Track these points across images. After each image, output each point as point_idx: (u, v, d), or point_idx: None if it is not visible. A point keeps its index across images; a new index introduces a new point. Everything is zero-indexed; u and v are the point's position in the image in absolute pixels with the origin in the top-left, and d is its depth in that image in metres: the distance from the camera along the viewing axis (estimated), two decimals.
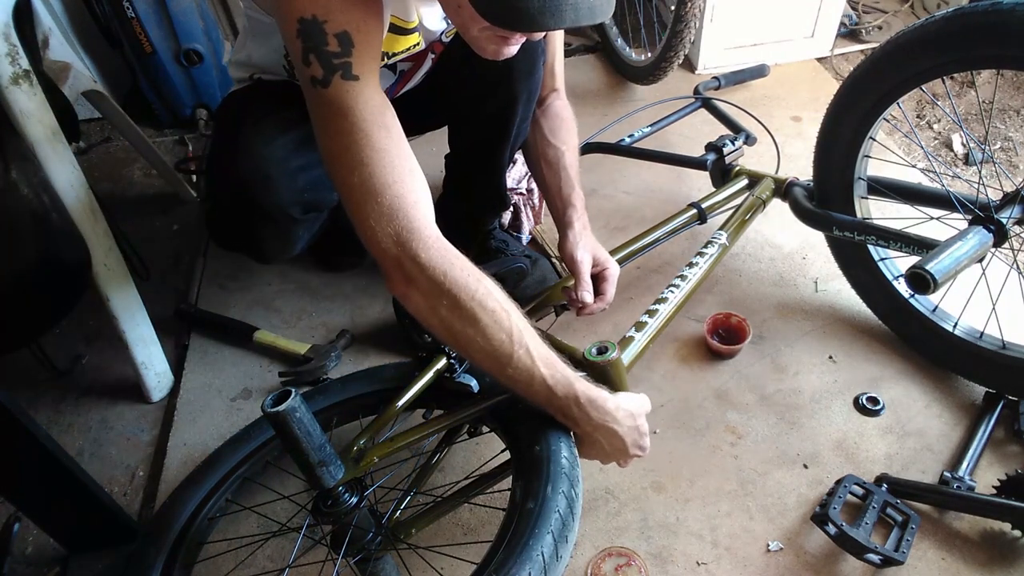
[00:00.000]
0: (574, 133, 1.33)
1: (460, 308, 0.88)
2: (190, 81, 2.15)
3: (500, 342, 0.89)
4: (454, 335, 0.90)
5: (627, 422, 0.96)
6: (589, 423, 0.95)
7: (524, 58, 1.22)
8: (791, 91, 2.18)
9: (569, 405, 0.93)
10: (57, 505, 1.12)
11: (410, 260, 0.88)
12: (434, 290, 0.88)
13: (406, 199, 0.88)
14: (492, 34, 0.90)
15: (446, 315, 0.89)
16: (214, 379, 1.48)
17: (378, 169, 0.87)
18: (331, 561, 1.05)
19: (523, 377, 0.91)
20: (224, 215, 1.29)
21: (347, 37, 0.85)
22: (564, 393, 0.92)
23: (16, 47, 1.09)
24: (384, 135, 0.88)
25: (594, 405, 0.94)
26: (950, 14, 1.07)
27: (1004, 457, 1.21)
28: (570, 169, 1.29)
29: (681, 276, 1.26)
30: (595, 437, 0.96)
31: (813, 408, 1.32)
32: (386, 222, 0.87)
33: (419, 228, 0.88)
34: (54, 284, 1.25)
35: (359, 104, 0.87)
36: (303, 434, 0.85)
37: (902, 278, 1.20)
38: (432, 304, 0.89)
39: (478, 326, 0.88)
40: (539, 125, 1.32)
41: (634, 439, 0.98)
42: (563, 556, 0.84)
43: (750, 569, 1.11)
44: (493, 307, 0.89)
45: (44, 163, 1.16)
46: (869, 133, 1.27)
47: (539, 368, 0.91)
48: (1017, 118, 2.05)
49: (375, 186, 0.87)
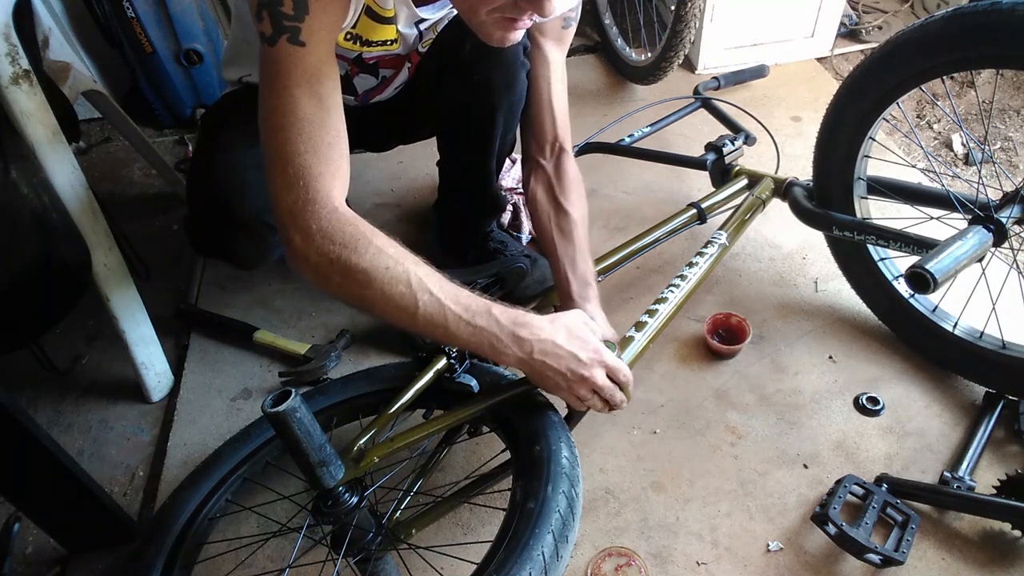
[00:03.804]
0: (584, 197, 1.28)
1: (352, 273, 0.87)
2: (190, 81, 2.15)
3: (401, 295, 0.88)
4: (354, 300, 0.90)
5: (562, 337, 0.94)
6: (520, 347, 0.92)
7: (503, 72, 1.22)
8: (791, 91, 2.18)
9: (493, 333, 0.91)
10: (57, 505, 1.12)
11: (302, 231, 0.86)
12: (324, 260, 0.87)
13: (312, 170, 0.87)
14: (500, 17, 0.89)
15: (340, 281, 0.88)
16: (214, 379, 1.48)
17: (293, 136, 0.86)
18: (331, 561, 1.05)
19: (438, 321, 0.90)
20: (201, 221, 1.28)
21: (304, 4, 0.85)
22: (484, 322, 0.91)
23: (16, 47, 1.09)
24: (313, 104, 0.87)
25: (518, 323, 0.92)
26: (950, 14, 1.07)
27: (1004, 457, 1.21)
28: (585, 242, 1.23)
29: (681, 276, 1.26)
30: (535, 364, 0.94)
31: (813, 408, 1.33)
32: (286, 190, 0.87)
33: (316, 199, 0.86)
34: (54, 284, 1.25)
35: (297, 70, 0.86)
36: (303, 434, 0.84)
37: (902, 278, 1.20)
38: (325, 274, 0.88)
39: (374, 286, 0.87)
40: (551, 187, 1.27)
41: (583, 356, 0.95)
42: (563, 556, 0.84)
43: (750, 569, 1.11)
44: (386, 263, 0.88)
45: (44, 163, 1.16)
46: (869, 133, 1.27)
47: (449, 307, 0.89)
48: (1017, 118, 2.05)
49: (287, 153, 0.86)
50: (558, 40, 1.25)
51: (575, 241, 1.21)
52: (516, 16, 0.89)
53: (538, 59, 1.25)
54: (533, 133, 1.30)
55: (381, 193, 1.89)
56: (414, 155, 1.63)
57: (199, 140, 1.35)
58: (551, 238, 1.23)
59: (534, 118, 1.28)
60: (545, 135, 1.28)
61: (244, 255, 1.32)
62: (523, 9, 0.87)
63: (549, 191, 1.26)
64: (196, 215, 1.27)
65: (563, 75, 1.27)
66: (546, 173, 1.27)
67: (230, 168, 1.16)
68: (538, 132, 1.29)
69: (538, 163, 1.29)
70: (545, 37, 1.24)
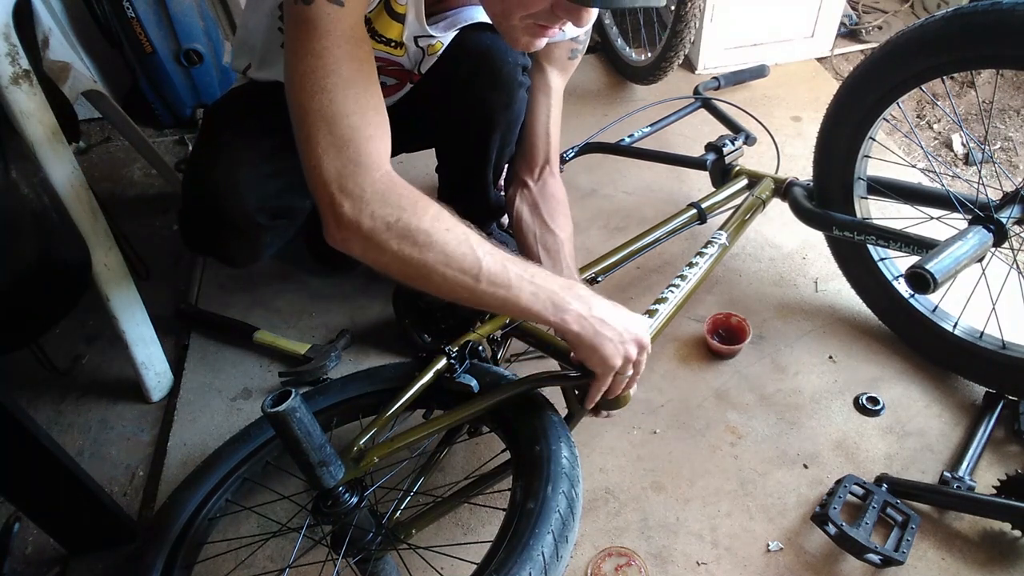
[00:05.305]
0: (569, 217, 1.28)
1: (412, 235, 0.82)
2: (190, 81, 2.15)
3: (463, 256, 0.84)
4: (412, 265, 0.84)
5: (608, 303, 0.95)
6: (581, 302, 0.92)
7: (500, 92, 1.22)
8: (791, 91, 2.18)
9: (554, 290, 0.90)
10: (57, 505, 1.12)
11: (353, 196, 0.81)
12: (380, 224, 0.82)
13: (362, 131, 0.82)
14: (533, 24, 0.89)
15: (397, 247, 0.83)
16: (214, 379, 1.48)
17: (339, 96, 0.82)
18: (331, 561, 1.05)
19: (501, 281, 0.86)
20: (193, 217, 1.27)
21: None
22: (544, 281, 0.89)
23: (16, 47, 1.09)
24: (355, 67, 0.83)
25: (571, 283, 0.92)
26: (950, 14, 1.07)
27: (1004, 457, 1.21)
28: (570, 259, 1.24)
29: (681, 276, 1.26)
30: (594, 322, 0.92)
31: (813, 408, 1.33)
32: (334, 153, 0.81)
33: (367, 163, 0.82)
34: (54, 284, 1.25)
35: (338, 29, 0.83)
36: (303, 434, 0.84)
37: (902, 278, 1.20)
38: (380, 240, 0.83)
39: (435, 248, 0.83)
40: (537, 207, 1.27)
41: (633, 319, 0.96)
42: (563, 556, 0.84)
43: (750, 569, 1.11)
44: (446, 225, 0.84)
45: (44, 163, 1.16)
46: (869, 133, 1.27)
47: (511, 267, 0.87)
48: (1017, 118, 2.05)
49: (332, 113, 0.82)
50: (563, 70, 1.28)
51: (562, 260, 1.22)
52: (549, 24, 0.89)
53: (540, 85, 1.27)
54: (524, 154, 1.31)
55: None
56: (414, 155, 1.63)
57: (198, 136, 1.35)
58: (537, 257, 1.24)
59: (527, 141, 1.30)
60: (536, 158, 1.30)
61: (234, 253, 1.30)
62: (559, 18, 0.88)
63: (535, 211, 1.27)
64: (189, 210, 1.27)
65: (560, 101, 1.29)
66: (532, 194, 1.29)
67: (226, 166, 1.15)
68: (529, 155, 1.31)
69: (525, 183, 1.30)
70: (551, 65, 1.27)
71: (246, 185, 1.16)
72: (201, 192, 1.19)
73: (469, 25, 1.16)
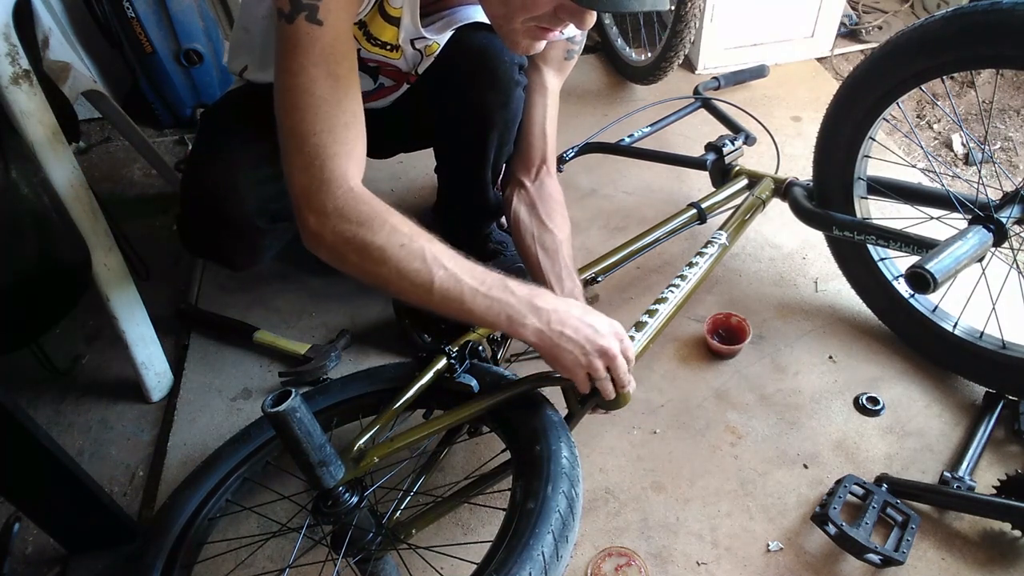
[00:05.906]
0: (567, 217, 1.28)
1: (367, 251, 0.87)
2: (190, 81, 2.15)
3: (416, 271, 0.88)
4: (371, 278, 0.90)
5: (578, 311, 0.94)
6: (538, 316, 0.92)
7: (497, 91, 1.22)
8: (791, 91, 2.18)
9: (510, 303, 0.91)
10: (57, 505, 1.12)
11: (317, 211, 0.87)
12: (339, 239, 0.88)
13: (327, 149, 0.87)
14: (535, 26, 0.90)
15: (356, 260, 0.89)
16: (214, 379, 1.48)
17: (310, 115, 0.86)
18: (331, 561, 1.05)
19: (454, 295, 0.89)
20: (192, 221, 1.27)
21: None
22: (500, 294, 0.91)
23: (16, 47, 1.09)
24: (330, 84, 0.87)
25: (534, 294, 0.93)
26: (950, 14, 1.07)
27: (1004, 457, 1.21)
28: (570, 260, 1.24)
29: (681, 276, 1.26)
30: (552, 335, 0.93)
31: (813, 408, 1.33)
32: (302, 169, 0.87)
33: (331, 179, 0.87)
34: (54, 284, 1.25)
35: (314, 49, 0.86)
36: (303, 434, 0.85)
37: (902, 278, 1.20)
38: (341, 252, 0.89)
39: (389, 264, 0.87)
40: (534, 207, 1.27)
41: (601, 328, 0.95)
42: (563, 556, 0.84)
43: (750, 569, 1.11)
44: (400, 241, 0.88)
45: (44, 163, 1.16)
46: (869, 133, 1.27)
47: (465, 280, 0.89)
48: (1017, 118, 2.05)
49: (303, 132, 0.87)
50: (559, 70, 1.28)
51: (560, 260, 1.22)
52: (551, 26, 0.90)
53: (536, 85, 1.27)
54: (520, 154, 1.31)
55: (381, 193, 1.84)
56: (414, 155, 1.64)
57: (196, 138, 1.35)
58: (535, 257, 1.24)
59: (524, 141, 1.30)
60: (533, 159, 1.29)
61: (234, 256, 1.31)
62: (561, 20, 0.88)
63: (532, 211, 1.27)
64: (188, 214, 1.27)
65: (557, 102, 1.30)
66: (529, 194, 1.28)
67: (225, 169, 1.15)
68: (526, 155, 1.30)
69: (521, 183, 1.30)
70: (547, 65, 1.27)
71: (245, 188, 1.16)
72: (200, 195, 1.19)
73: (465, 25, 1.16)
